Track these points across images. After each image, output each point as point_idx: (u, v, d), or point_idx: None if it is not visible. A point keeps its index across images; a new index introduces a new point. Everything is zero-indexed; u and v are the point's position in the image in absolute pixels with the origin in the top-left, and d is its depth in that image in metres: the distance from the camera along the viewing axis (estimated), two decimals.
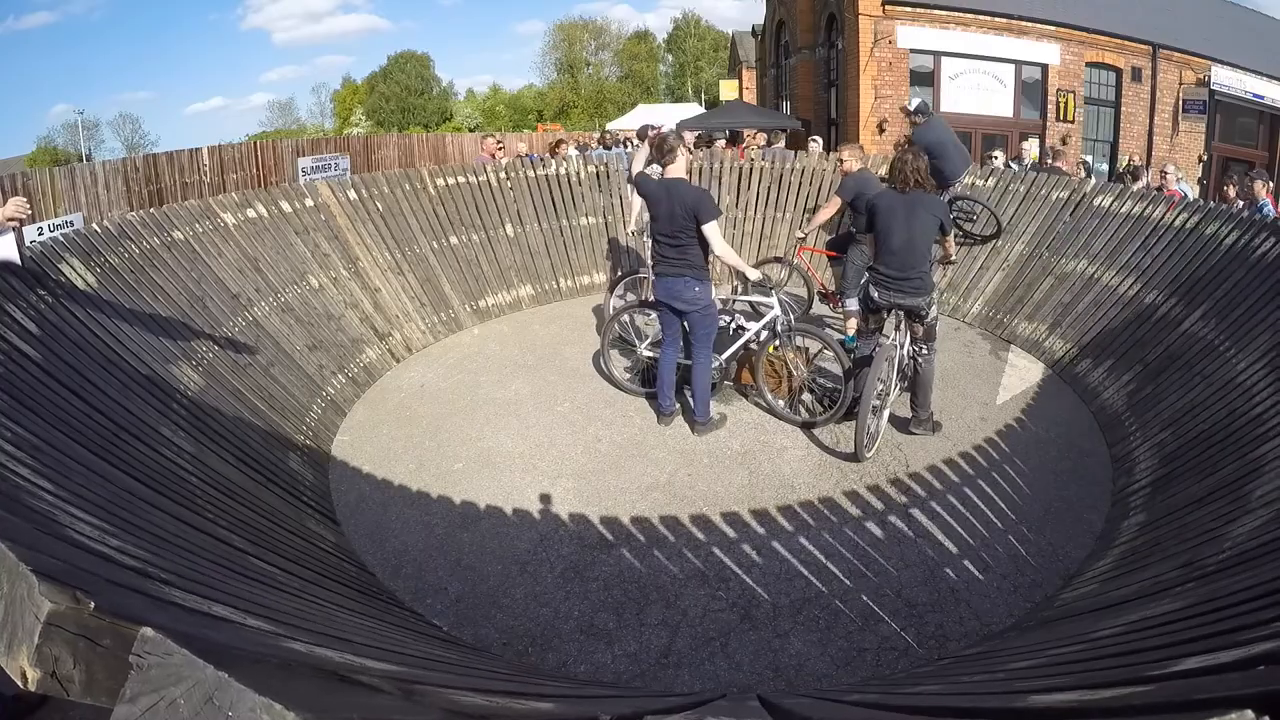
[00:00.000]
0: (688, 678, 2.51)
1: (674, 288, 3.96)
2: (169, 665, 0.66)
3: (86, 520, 1.52)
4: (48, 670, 0.67)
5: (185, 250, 4.14)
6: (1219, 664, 1.02)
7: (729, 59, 31.01)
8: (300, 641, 1.12)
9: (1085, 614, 2.37)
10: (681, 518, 3.39)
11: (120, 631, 0.70)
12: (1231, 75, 13.94)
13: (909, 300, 3.86)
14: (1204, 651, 1.18)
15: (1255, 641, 1.10)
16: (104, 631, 0.70)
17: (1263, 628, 1.24)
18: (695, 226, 3.83)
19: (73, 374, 2.70)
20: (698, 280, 3.94)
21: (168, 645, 0.67)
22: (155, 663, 0.66)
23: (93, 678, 0.68)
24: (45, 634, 0.67)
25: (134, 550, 1.44)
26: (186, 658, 0.66)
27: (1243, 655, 1.02)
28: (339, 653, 1.15)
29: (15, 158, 33.77)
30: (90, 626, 0.70)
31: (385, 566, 3.14)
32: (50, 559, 0.90)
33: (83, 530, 1.40)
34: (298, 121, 49.58)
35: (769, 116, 17.17)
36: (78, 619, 0.70)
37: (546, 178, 6.74)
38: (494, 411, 4.53)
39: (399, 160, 16.48)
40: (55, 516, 1.42)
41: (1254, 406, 3.20)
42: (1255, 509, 2.42)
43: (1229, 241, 4.28)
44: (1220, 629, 1.40)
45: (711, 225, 3.83)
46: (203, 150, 11.87)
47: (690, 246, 3.90)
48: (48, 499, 1.56)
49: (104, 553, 1.27)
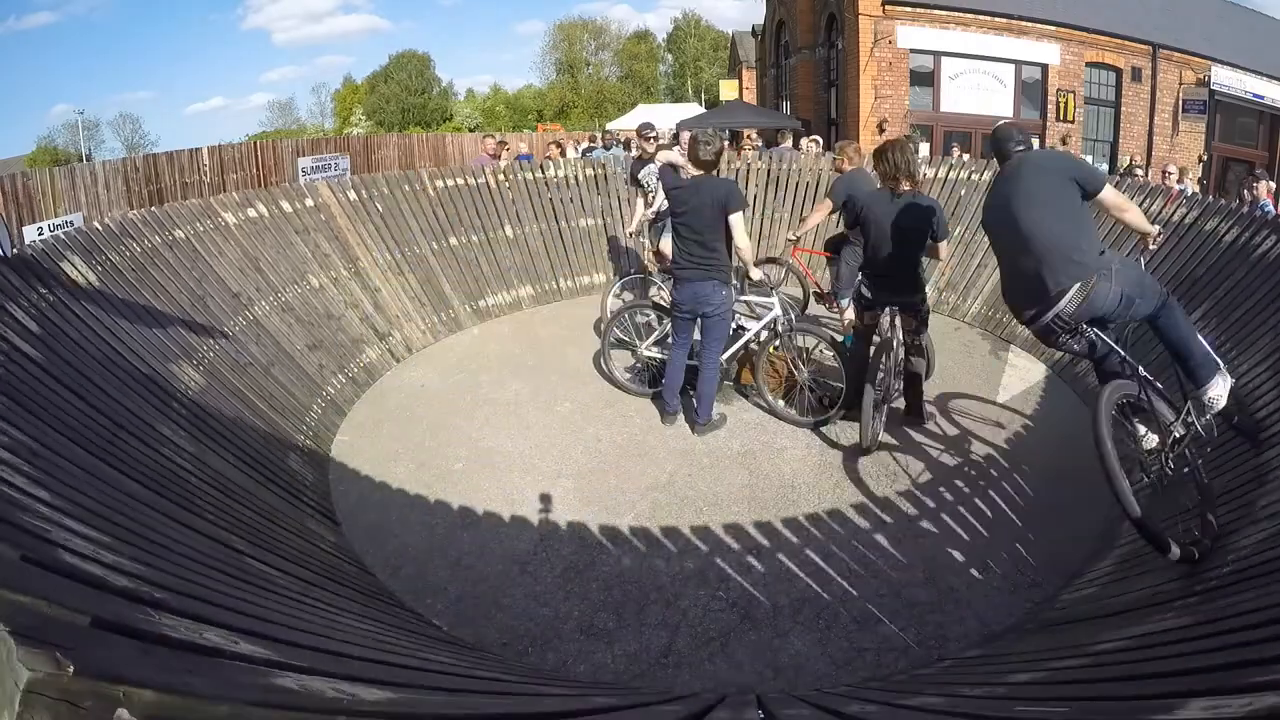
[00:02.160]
0: (688, 678, 2.51)
1: (701, 292, 3.94)
2: None
3: (82, 532, 1.51)
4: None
5: (186, 249, 4.14)
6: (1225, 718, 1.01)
7: (729, 59, 31.01)
8: (290, 674, 1.11)
9: (1085, 620, 2.36)
10: (681, 518, 3.39)
11: (102, 692, 0.69)
12: (1231, 75, 13.94)
13: (902, 297, 3.86)
14: (1208, 692, 1.16)
15: (1262, 689, 1.08)
16: (85, 694, 0.69)
17: (1269, 666, 1.23)
18: (724, 222, 3.84)
19: (73, 373, 2.70)
20: (724, 284, 3.94)
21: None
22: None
23: None
24: (26, 701, 0.66)
25: (128, 565, 1.43)
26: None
27: (1249, 709, 1.00)
28: (331, 681, 1.14)
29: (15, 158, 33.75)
30: (71, 690, 0.68)
31: (385, 566, 3.13)
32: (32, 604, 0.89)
33: (76, 546, 1.38)
34: (298, 121, 49.60)
35: (769, 116, 17.17)
36: (58, 685, 0.68)
37: (546, 180, 6.74)
38: (494, 411, 4.53)
39: (399, 160, 16.48)
40: (48, 534, 1.40)
41: (1255, 409, 3.19)
42: (1259, 519, 2.39)
43: (1229, 240, 4.27)
44: (1225, 660, 1.38)
45: (738, 216, 3.85)
46: (203, 150, 11.88)
47: (718, 246, 3.90)
48: (43, 511, 1.55)
49: (94, 576, 1.26)
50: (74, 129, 41.09)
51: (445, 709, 1.28)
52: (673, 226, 4.02)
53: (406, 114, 45.60)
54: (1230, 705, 1.05)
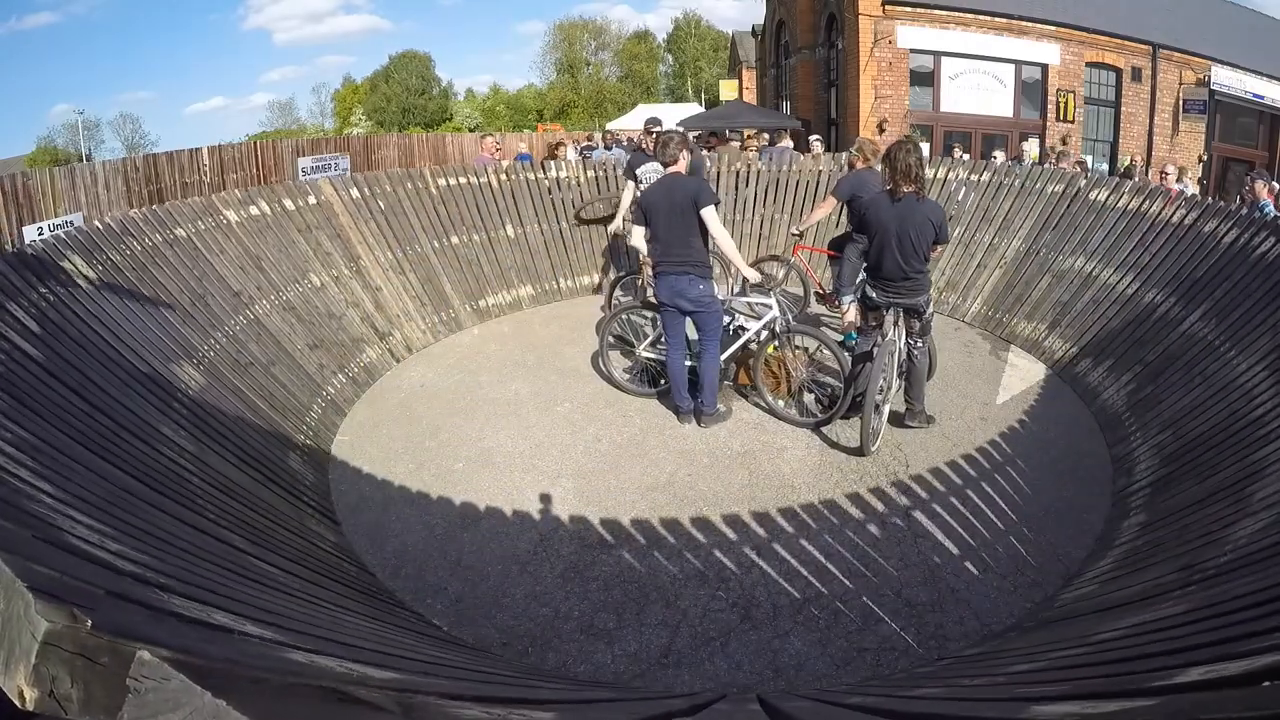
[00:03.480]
0: (688, 677, 2.51)
1: (677, 286, 3.96)
2: (166, 690, 0.65)
3: (86, 523, 1.52)
4: (45, 690, 0.66)
5: (187, 247, 4.13)
6: (1222, 677, 1.01)
7: (729, 59, 31.01)
8: (301, 650, 1.11)
9: (1086, 615, 2.37)
10: (681, 518, 3.39)
11: (118, 650, 0.70)
12: (1231, 75, 13.94)
13: (907, 299, 3.86)
14: (1207, 661, 1.17)
15: (1258, 653, 1.09)
16: (102, 650, 0.69)
17: (1265, 636, 1.24)
18: (696, 217, 3.85)
19: (73, 372, 2.70)
20: (701, 278, 3.96)
21: (165, 670, 0.66)
22: (152, 687, 0.66)
23: (91, 696, 0.67)
24: (43, 653, 0.66)
25: (133, 554, 1.44)
26: (184, 683, 0.65)
27: (1246, 669, 1.01)
28: (340, 660, 1.15)
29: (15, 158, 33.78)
30: (88, 645, 0.69)
31: (385, 566, 3.13)
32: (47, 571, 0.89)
33: (82, 535, 1.39)
34: (298, 121, 49.63)
35: (769, 116, 17.16)
36: (75, 638, 0.69)
37: (545, 181, 6.74)
38: (494, 411, 4.53)
39: (399, 160, 16.46)
40: (54, 521, 1.41)
41: (1255, 408, 3.19)
42: (1256, 511, 2.41)
43: (1228, 240, 4.28)
44: (1223, 636, 1.39)
45: (710, 210, 3.86)
46: (203, 150, 11.86)
47: (692, 240, 3.91)
48: (48, 501, 1.56)
49: (103, 559, 1.26)
50: (74, 129, 41.12)
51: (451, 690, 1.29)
52: (649, 226, 4.04)
53: (407, 114, 45.60)
54: (1229, 668, 1.06)
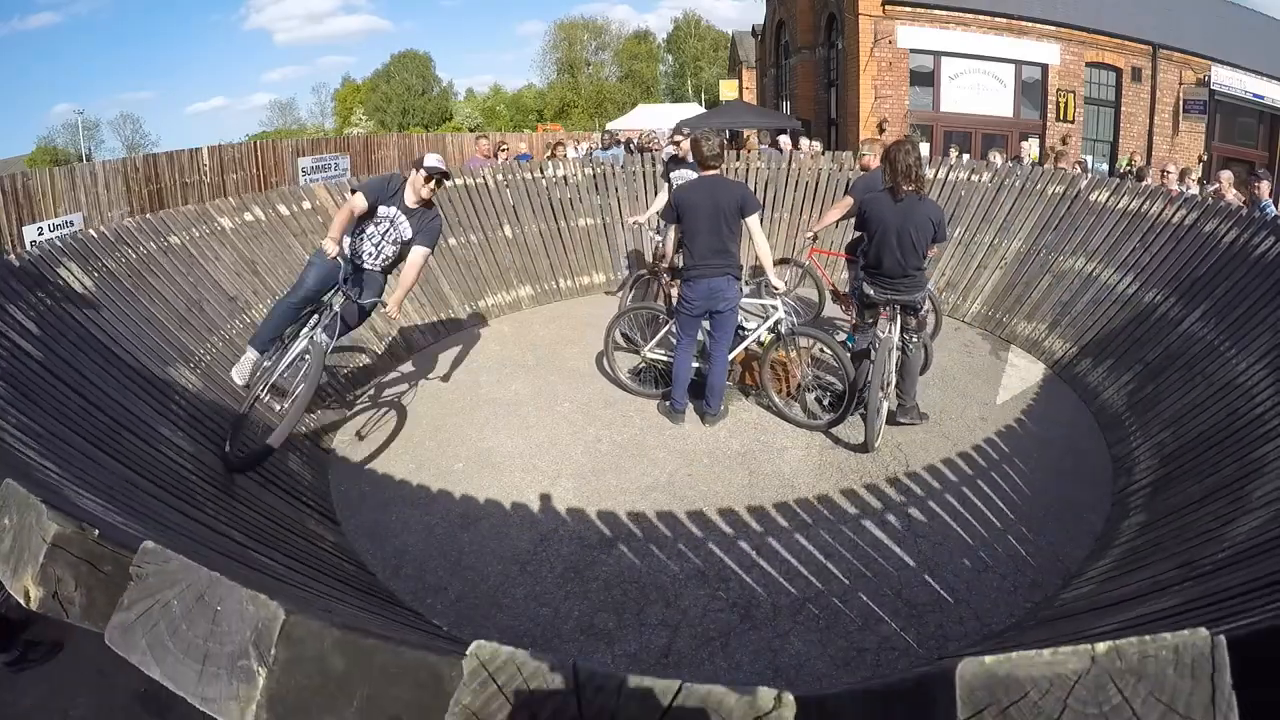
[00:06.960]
0: (688, 677, 2.50)
1: (718, 287, 3.98)
2: (165, 571, 0.68)
3: (90, 499, 1.54)
4: (50, 590, 0.70)
5: (182, 255, 4.14)
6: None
7: (729, 59, 30.99)
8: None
9: (1085, 613, 2.37)
10: (681, 517, 3.39)
11: (122, 559, 0.73)
12: (1231, 75, 13.94)
13: (905, 296, 3.87)
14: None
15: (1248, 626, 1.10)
16: (106, 558, 0.73)
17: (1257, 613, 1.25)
18: (739, 222, 3.93)
19: (73, 372, 2.70)
20: (738, 279, 4.05)
21: (165, 554, 0.69)
22: (153, 570, 0.69)
23: (93, 602, 0.71)
24: (50, 555, 0.70)
25: (137, 529, 1.46)
26: (182, 563, 0.68)
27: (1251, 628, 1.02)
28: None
29: (15, 158, 33.77)
30: (93, 552, 0.73)
31: (385, 566, 3.14)
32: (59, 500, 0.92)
33: (87, 505, 1.42)
34: (298, 121, 49.55)
35: (769, 116, 17.17)
36: (82, 544, 0.72)
37: (545, 180, 6.74)
38: (494, 411, 4.53)
39: (399, 160, 16.45)
40: (61, 491, 1.44)
41: (1254, 407, 3.19)
42: (1255, 509, 2.41)
43: (1228, 240, 4.28)
44: (1215, 616, 1.40)
45: (756, 218, 3.96)
46: (203, 150, 11.86)
47: (734, 244, 3.99)
48: (53, 478, 1.58)
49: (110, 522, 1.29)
50: (74, 129, 41.10)
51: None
52: (684, 226, 4.02)
53: (407, 114, 45.60)
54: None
